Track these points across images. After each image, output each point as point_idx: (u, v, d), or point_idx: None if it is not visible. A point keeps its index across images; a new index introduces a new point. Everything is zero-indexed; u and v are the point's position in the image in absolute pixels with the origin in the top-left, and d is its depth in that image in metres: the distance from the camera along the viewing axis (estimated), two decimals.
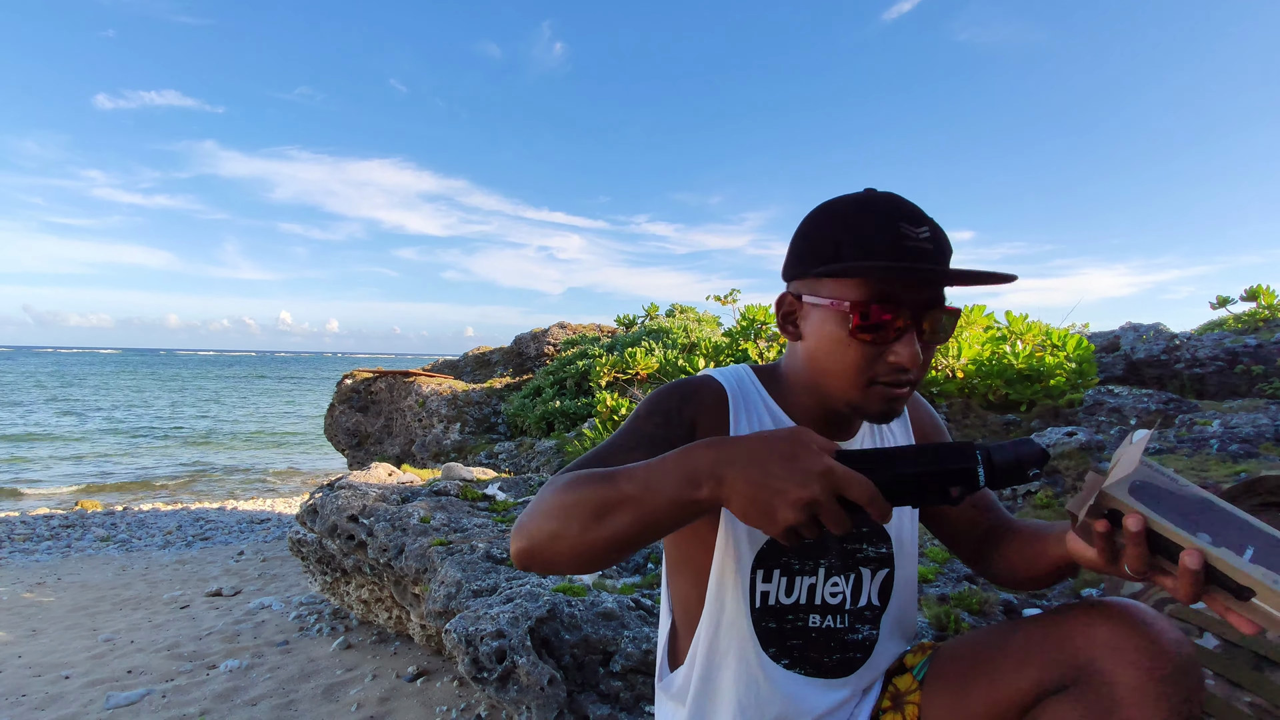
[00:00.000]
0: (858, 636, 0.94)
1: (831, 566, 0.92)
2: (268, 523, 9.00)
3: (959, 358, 5.10)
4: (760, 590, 0.89)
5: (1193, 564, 0.58)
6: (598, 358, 7.14)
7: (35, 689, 3.24)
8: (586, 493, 0.68)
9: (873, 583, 0.95)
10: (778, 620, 0.90)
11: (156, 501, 11.10)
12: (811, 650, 0.92)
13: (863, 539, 0.94)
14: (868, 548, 0.94)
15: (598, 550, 0.68)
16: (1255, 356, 4.94)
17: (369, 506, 3.31)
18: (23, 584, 5.75)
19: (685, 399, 0.89)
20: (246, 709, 2.87)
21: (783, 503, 0.59)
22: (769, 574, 0.89)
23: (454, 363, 10.45)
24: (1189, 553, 0.58)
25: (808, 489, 0.59)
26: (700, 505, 0.64)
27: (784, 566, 0.90)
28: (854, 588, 0.94)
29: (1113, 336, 6.47)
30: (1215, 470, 2.66)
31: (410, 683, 2.97)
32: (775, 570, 0.89)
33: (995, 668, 0.81)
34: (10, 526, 8.51)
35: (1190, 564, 0.58)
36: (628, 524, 0.66)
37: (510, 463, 6.33)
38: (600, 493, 0.67)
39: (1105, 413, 4.21)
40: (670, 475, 0.65)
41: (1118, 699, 0.69)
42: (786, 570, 0.90)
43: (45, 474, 13.84)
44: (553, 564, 0.71)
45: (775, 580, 0.90)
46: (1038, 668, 0.76)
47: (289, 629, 3.94)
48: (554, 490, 0.72)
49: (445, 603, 2.38)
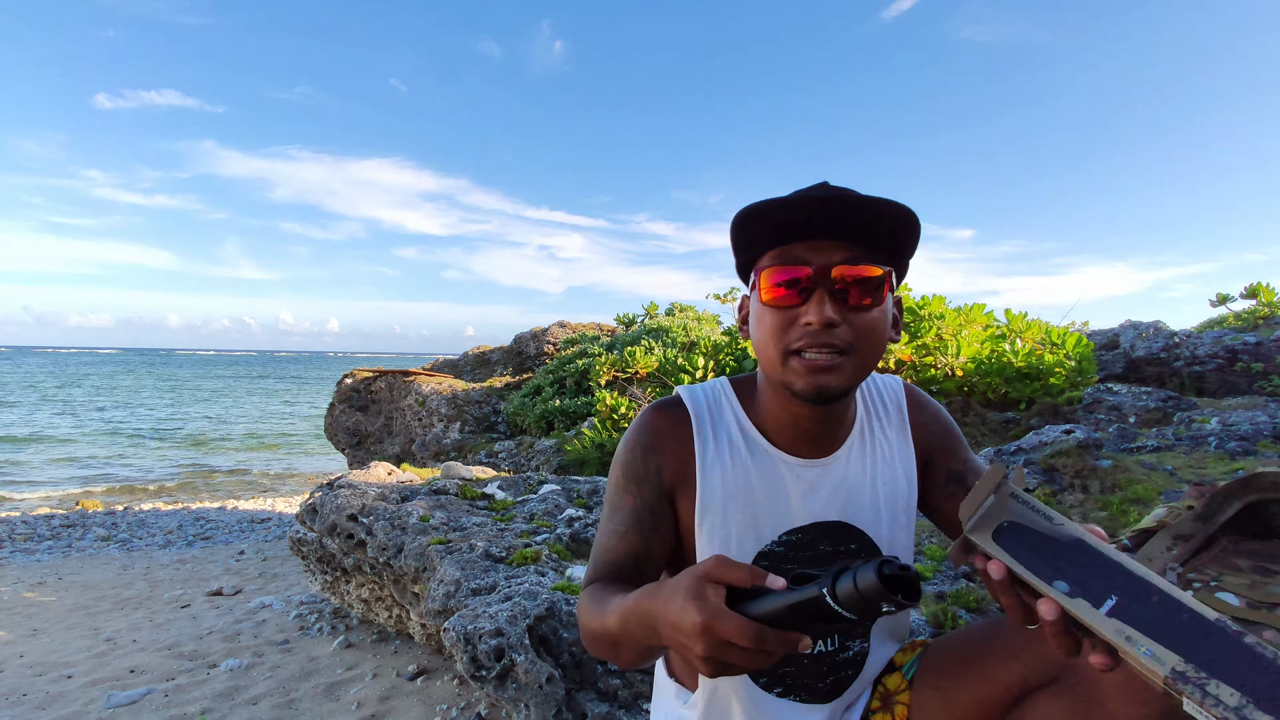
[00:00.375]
0: (849, 654, 0.93)
1: None
2: (268, 522, 9.00)
3: (958, 356, 5.10)
4: None
5: (1048, 615, 0.54)
6: (597, 356, 7.14)
7: (36, 688, 3.25)
8: (597, 629, 0.77)
9: None
10: None
11: (157, 501, 11.11)
12: (805, 677, 0.91)
13: (852, 557, 0.89)
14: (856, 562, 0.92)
15: (640, 664, 0.77)
16: (1255, 354, 4.93)
17: (368, 505, 3.31)
18: (24, 583, 5.76)
19: (648, 451, 0.90)
20: (247, 708, 2.87)
21: (693, 658, 0.60)
22: None
23: (454, 362, 10.45)
24: (1044, 602, 0.55)
25: (697, 647, 0.59)
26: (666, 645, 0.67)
27: None
28: None
29: (1112, 334, 6.47)
30: (1213, 468, 2.67)
31: (411, 681, 2.98)
32: None
33: (983, 664, 0.82)
34: (11, 526, 8.52)
35: (1046, 614, 0.54)
36: (635, 656, 0.75)
37: (510, 462, 6.33)
38: (605, 634, 0.75)
39: (1104, 410, 4.21)
40: (638, 627, 0.69)
41: (1102, 693, 0.70)
42: None
43: (45, 474, 13.85)
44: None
45: None
46: (1024, 663, 0.77)
47: (290, 628, 3.95)
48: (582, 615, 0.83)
49: (444, 601, 2.39)
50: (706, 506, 0.88)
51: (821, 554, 0.89)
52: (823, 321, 0.75)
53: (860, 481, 0.91)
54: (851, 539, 0.90)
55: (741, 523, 0.87)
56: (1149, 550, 1.44)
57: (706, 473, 0.88)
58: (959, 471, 0.96)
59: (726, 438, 0.90)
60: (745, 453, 0.89)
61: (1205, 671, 0.46)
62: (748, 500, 0.88)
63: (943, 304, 5.68)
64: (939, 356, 5.21)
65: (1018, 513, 0.60)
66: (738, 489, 0.88)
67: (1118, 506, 2.43)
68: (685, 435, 0.90)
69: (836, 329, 0.76)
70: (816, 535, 0.89)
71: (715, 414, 0.92)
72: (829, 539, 0.89)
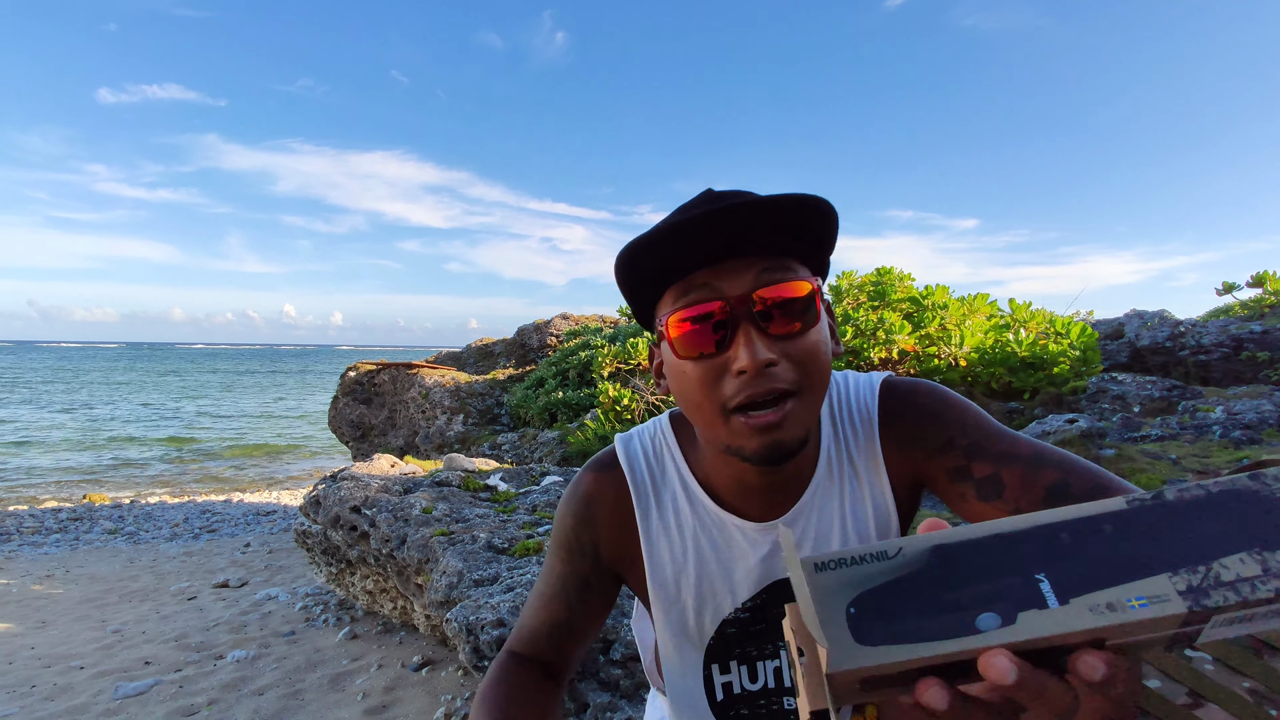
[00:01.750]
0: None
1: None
2: (274, 515, 9.05)
3: (962, 346, 5.08)
4: (721, 682, 0.82)
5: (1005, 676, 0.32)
6: (600, 349, 7.14)
7: (45, 679, 3.28)
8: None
9: None
10: (750, 707, 0.82)
11: (163, 494, 11.17)
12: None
13: None
14: None
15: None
16: (1260, 343, 4.90)
17: (371, 497, 3.32)
18: (32, 576, 5.81)
19: (581, 523, 0.81)
20: (253, 699, 2.90)
21: None
22: (725, 666, 0.82)
23: (457, 354, 10.46)
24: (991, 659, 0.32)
25: None
26: None
27: (741, 656, 0.81)
28: None
29: (1117, 324, 6.44)
30: (1217, 456, 2.66)
31: (415, 672, 2.99)
32: (732, 661, 0.82)
33: None
34: (19, 519, 8.58)
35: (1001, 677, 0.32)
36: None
37: (513, 454, 6.34)
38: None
39: (1109, 400, 4.19)
40: None
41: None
42: (745, 659, 0.81)
43: (52, 468, 13.94)
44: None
45: (735, 670, 0.82)
46: None
47: (295, 619, 3.97)
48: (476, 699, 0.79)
49: (447, 592, 2.40)
50: (658, 584, 0.80)
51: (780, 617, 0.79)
52: (757, 365, 0.60)
53: (829, 530, 0.77)
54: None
55: (698, 598, 0.79)
56: None
57: (653, 549, 0.79)
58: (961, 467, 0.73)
59: (671, 503, 0.79)
60: (692, 520, 0.79)
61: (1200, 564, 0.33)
62: (700, 574, 0.78)
63: (946, 294, 5.65)
64: (942, 346, 5.19)
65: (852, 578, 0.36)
66: (689, 563, 0.79)
67: None
68: (622, 508, 0.80)
69: (774, 368, 0.61)
70: (776, 596, 0.79)
71: (657, 474, 0.81)
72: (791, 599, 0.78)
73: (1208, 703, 1.14)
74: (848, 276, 6.40)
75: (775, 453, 0.64)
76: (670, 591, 0.79)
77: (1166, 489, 0.36)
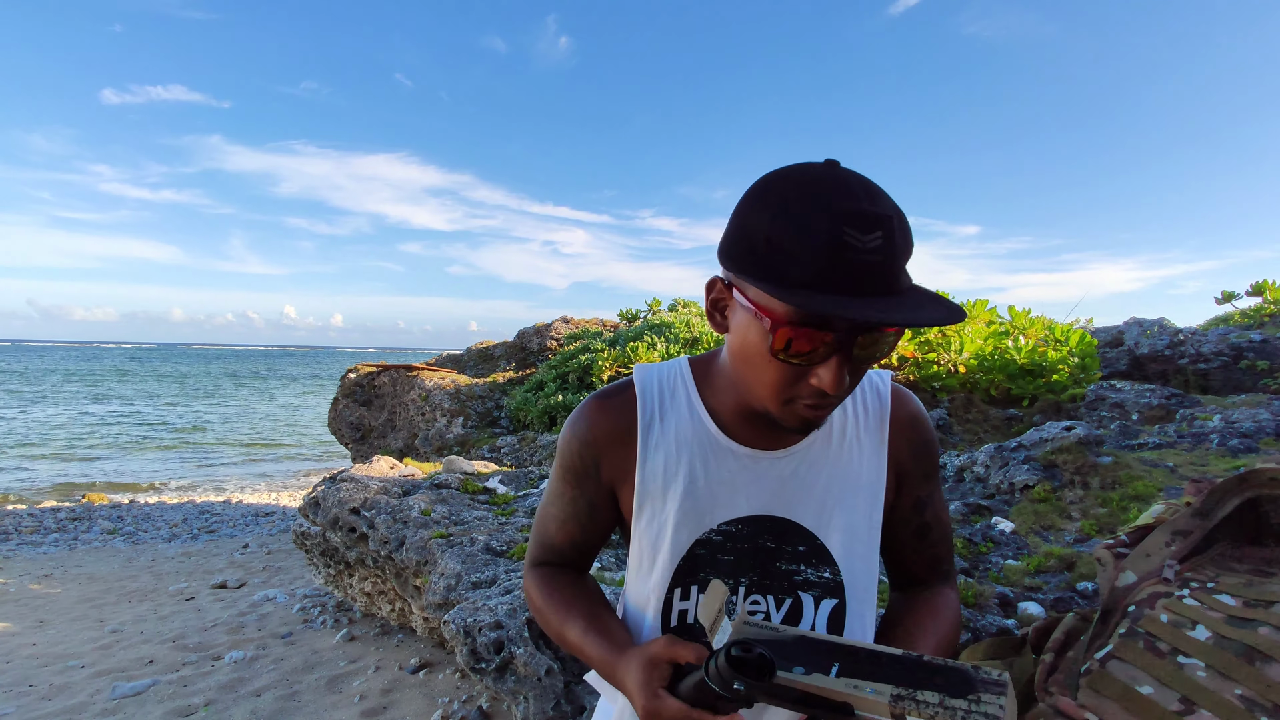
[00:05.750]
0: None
1: (753, 583, 0.85)
2: (272, 516, 9.06)
3: (961, 352, 5.09)
4: (679, 609, 0.86)
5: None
6: (600, 352, 7.15)
7: (42, 679, 3.28)
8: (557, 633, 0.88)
9: (816, 612, 0.86)
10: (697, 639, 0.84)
11: (162, 494, 11.17)
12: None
13: (799, 558, 0.86)
14: (807, 570, 0.86)
15: None
16: (1260, 352, 4.91)
17: (370, 499, 3.33)
18: (30, 575, 5.81)
19: (585, 445, 0.88)
20: (251, 700, 2.90)
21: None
22: (686, 591, 0.86)
23: (457, 357, 10.46)
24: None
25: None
26: None
27: (701, 584, 0.85)
28: (789, 613, 0.86)
29: (1117, 331, 6.45)
30: (1214, 465, 2.66)
31: (413, 674, 3.00)
32: (694, 587, 0.86)
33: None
34: (18, 519, 8.58)
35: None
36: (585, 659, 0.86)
37: (513, 456, 6.35)
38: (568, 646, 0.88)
39: (1108, 408, 4.20)
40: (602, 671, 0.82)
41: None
42: (704, 586, 0.85)
43: (51, 468, 13.94)
44: None
45: (694, 597, 0.86)
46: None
47: (293, 621, 3.98)
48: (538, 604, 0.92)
49: (445, 594, 2.40)
50: (646, 492, 0.86)
51: (761, 549, 0.85)
52: (836, 390, 0.68)
53: (815, 480, 0.85)
54: (799, 540, 0.86)
55: (680, 509, 0.84)
56: (1147, 546, 1.44)
57: (648, 459, 0.86)
58: (922, 502, 0.91)
59: (674, 422, 0.86)
60: (691, 438, 0.86)
61: (910, 688, 0.62)
62: (689, 487, 0.84)
63: None
64: (942, 353, 5.20)
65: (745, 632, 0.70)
66: (679, 475, 0.85)
67: (1117, 503, 2.43)
68: (628, 425, 0.87)
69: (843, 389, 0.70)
70: (758, 529, 0.85)
71: (667, 396, 0.88)
72: (772, 535, 0.85)
73: (1200, 709, 1.15)
74: None
75: (808, 430, 0.77)
76: (657, 501, 0.86)
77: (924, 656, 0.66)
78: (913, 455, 0.89)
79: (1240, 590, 1.26)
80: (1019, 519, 2.48)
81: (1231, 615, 1.24)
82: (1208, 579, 1.33)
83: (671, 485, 0.85)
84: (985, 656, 1.52)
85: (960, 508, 2.64)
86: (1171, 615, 1.27)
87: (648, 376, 0.89)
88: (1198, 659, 1.23)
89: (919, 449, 0.90)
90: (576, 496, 0.90)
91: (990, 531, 2.37)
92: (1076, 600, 1.85)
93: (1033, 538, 2.33)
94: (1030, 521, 2.45)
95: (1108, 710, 1.15)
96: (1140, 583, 1.41)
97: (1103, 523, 2.34)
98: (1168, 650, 1.20)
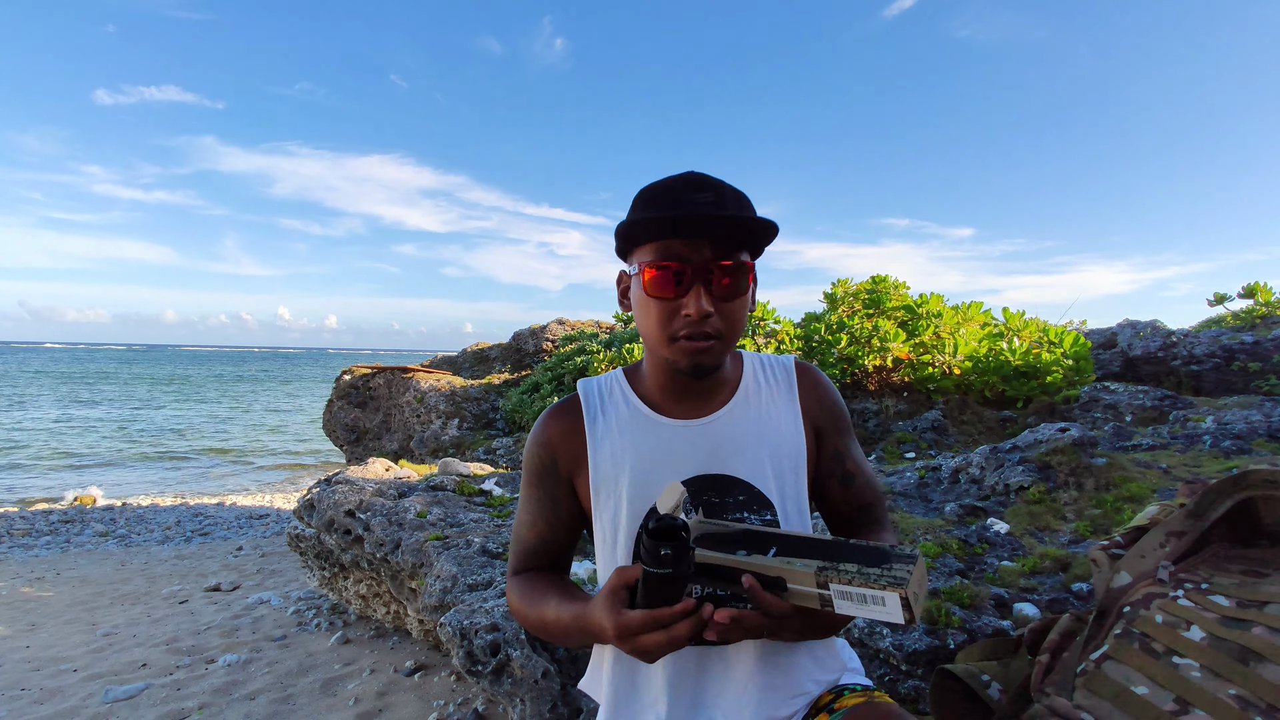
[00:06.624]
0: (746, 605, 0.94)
1: None
2: (266, 518, 9.01)
3: (956, 354, 5.11)
4: None
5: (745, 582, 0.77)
6: (595, 354, 7.15)
7: (34, 683, 3.25)
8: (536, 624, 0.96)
9: None
10: None
11: (155, 497, 11.11)
12: None
13: (741, 506, 0.97)
14: (750, 515, 0.97)
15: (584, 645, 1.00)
16: (1252, 353, 4.94)
17: (366, 501, 3.32)
18: (22, 579, 5.76)
19: (542, 447, 1.03)
20: (245, 703, 2.88)
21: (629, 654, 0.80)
22: None
23: (452, 359, 10.44)
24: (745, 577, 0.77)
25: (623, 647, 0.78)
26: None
27: None
28: None
29: (1110, 333, 6.48)
30: (1207, 466, 2.68)
31: (408, 677, 2.98)
32: None
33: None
34: (9, 521, 8.52)
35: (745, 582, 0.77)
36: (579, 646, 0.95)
37: (508, 458, 6.33)
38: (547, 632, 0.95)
39: (1101, 409, 4.22)
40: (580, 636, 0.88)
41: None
42: None
43: (43, 470, 13.84)
44: None
45: None
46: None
47: (287, 624, 3.96)
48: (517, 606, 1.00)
49: (441, 597, 2.39)
50: (601, 478, 0.99)
51: (708, 504, 0.97)
52: (699, 314, 0.87)
53: (743, 437, 0.99)
54: (739, 490, 0.98)
55: (633, 484, 0.97)
56: (1141, 547, 1.44)
57: (598, 448, 1.00)
58: (841, 453, 1.06)
59: (615, 414, 1.02)
60: (630, 422, 1.01)
61: (834, 561, 0.75)
62: (636, 463, 0.98)
63: (940, 302, 5.68)
64: (936, 355, 5.22)
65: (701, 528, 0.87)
66: (626, 455, 0.99)
67: (1111, 504, 2.44)
68: (577, 426, 1.02)
69: (710, 318, 0.88)
70: (701, 486, 0.97)
71: (605, 395, 1.04)
72: (715, 490, 0.97)
73: (1194, 709, 1.16)
74: (843, 284, 6.43)
75: (699, 370, 0.92)
76: (611, 484, 0.99)
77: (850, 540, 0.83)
78: (823, 411, 1.06)
79: (1234, 591, 1.27)
80: (1014, 520, 2.49)
81: (1226, 616, 1.25)
82: (1202, 580, 1.34)
83: (622, 466, 0.99)
84: (981, 658, 1.52)
85: (955, 509, 2.65)
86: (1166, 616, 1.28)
87: (588, 385, 1.06)
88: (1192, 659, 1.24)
89: (828, 406, 1.06)
90: (541, 496, 1.03)
91: (985, 533, 2.38)
92: (1071, 601, 1.86)
93: (1028, 539, 2.34)
94: (1025, 523, 2.46)
95: (1103, 711, 1.15)
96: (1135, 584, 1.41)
97: (1097, 524, 2.34)
98: (1162, 651, 1.21)
